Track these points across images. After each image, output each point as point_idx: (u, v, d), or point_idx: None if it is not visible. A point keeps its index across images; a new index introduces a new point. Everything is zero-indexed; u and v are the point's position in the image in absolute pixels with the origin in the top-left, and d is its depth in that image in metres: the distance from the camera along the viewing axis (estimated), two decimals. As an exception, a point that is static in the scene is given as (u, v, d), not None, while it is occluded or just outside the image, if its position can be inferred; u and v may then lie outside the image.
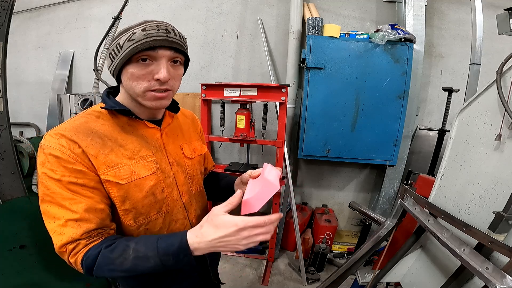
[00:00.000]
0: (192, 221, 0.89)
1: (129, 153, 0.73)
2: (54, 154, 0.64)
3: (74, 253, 0.63)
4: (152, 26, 0.67)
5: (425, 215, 1.14)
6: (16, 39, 3.09)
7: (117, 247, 0.63)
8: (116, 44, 0.68)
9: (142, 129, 0.78)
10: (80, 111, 1.67)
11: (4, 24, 1.21)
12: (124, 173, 0.70)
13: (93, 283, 1.89)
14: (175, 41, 0.69)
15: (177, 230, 0.83)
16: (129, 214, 0.73)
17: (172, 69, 0.71)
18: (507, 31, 1.26)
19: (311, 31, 2.26)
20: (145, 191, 0.74)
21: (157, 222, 0.78)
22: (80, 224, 0.63)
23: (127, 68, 0.68)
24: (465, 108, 1.13)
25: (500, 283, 0.73)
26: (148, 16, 2.75)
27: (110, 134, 0.72)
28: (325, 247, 2.39)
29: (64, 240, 0.62)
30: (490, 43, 2.31)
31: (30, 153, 1.43)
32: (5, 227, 1.41)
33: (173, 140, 0.86)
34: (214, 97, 2.16)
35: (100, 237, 0.66)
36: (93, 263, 0.62)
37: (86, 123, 0.71)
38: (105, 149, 0.69)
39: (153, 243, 0.63)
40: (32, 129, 3.31)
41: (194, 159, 0.92)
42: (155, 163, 0.77)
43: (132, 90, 0.70)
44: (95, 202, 0.66)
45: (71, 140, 0.65)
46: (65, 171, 0.64)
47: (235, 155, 2.95)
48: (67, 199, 0.63)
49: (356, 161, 2.40)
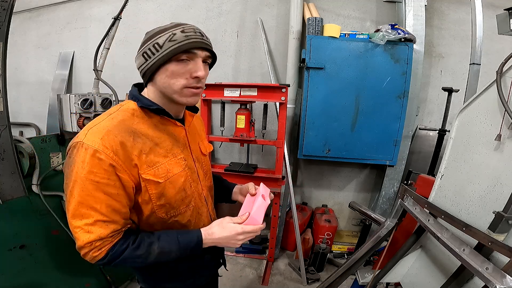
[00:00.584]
0: (211, 213, 0.98)
1: (164, 151, 0.78)
2: (97, 156, 0.65)
3: (99, 248, 0.68)
4: (189, 29, 0.73)
5: (425, 215, 1.14)
6: (16, 39, 3.09)
7: (141, 244, 0.72)
8: (154, 43, 0.71)
9: (171, 127, 0.83)
10: (80, 111, 1.67)
11: (4, 24, 1.21)
12: (162, 172, 0.76)
13: (92, 283, 1.89)
14: (208, 43, 0.76)
15: (202, 222, 0.91)
16: (163, 208, 0.79)
17: (204, 68, 0.76)
18: (507, 31, 1.26)
19: (311, 31, 2.26)
20: (178, 187, 0.80)
21: (186, 215, 0.85)
22: (108, 225, 0.68)
23: (166, 67, 0.72)
24: (465, 108, 1.13)
25: (500, 283, 0.74)
26: (148, 16, 2.75)
27: (146, 132, 0.75)
28: (325, 247, 2.39)
29: (92, 238, 0.67)
30: (490, 43, 2.31)
31: (30, 153, 1.43)
32: (5, 227, 1.41)
33: (193, 138, 0.93)
34: (214, 97, 2.16)
35: (121, 233, 0.72)
36: (119, 257, 0.70)
37: (124, 121, 0.73)
38: (145, 149, 0.73)
39: (175, 241, 0.75)
40: (32, 129, 3.31)
41: (207, 156, 1.00)
42: (184, 160, 0.83)
43: (170, 88, 0.74)
44: (121, 206, 0.71)
45: (115, 140, 0.68)
46: (105, 173, 0.66)
47: (235, 155, 2.95)
48: (100, 202, 0.67)
49: (356, 161, 2.40)
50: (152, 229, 0.81)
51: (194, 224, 0.88)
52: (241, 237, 0.78)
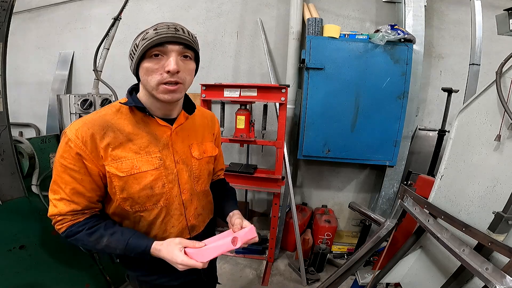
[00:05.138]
0: (189, 218, 0.93)
1: (136, 148, 0.81)
2: (69, 144, 0.74)
3: (60, 223, 0.79)
4: (162, 26, 0.75)
5: (425, 216, 1.14)
6: (16, 39, 3.09)
7: (95, 233, 0.79)
8: (134, 44, 0.77)
9: (153, 126, 0.84)
10: (80, 111, 1.67)
11: (4, 24, 1.21)
12: (125, 167, 0.78)
13: (92, 283, 1.89)
14: (183, 37, 0.75)
15: (171, 224, 0.89)
16: (126, 202, 0.82)
17: (182, 62, 0.76)
18: (506, 32, 1.26)
19: (311, 31, 2.26)
20: (143, 184, 0.81)
21: (152, 213, 0.86)
22: (70, 204, 0.77)
23: (142, 64, 0.76)
24: (465, 108, 1.13)
25: (500, 283, 0.74)
26: (148, 16, 2.76)
27: (123, 128, 0.80)
28: (325, 248, 2.39)
29: (55, 211, 0.78)
30: (489, 44, 2.31)
31: (30, 154, 1.43)
32: (5, 227, 1.41)
33: (183, 140, 0.91)
34: (214, 97, 2.16)
35: (84, 215, 0.80)
36: (73, 236, 0.79)
37: (105, 116, 0.79)
38: (114, 143, 0.78)
39: (124, 241, 0.78)
40: (31, 129, 3.30)
41: (202, 160, 0.96)
42: (160, 159, 0.83)
43: (148, 84, 0.77)
44: (85, 190, 0.78)
45: (87, 132, 0.75)
46: (72, 159, 0.75)
47: (235, 155, 2.95)
48: (66, 182, 0.76)
49: (356, 161, 2.40)
50: (120, 219, 0.87)
51: (161, 224, 0.87)
52: (180, 266, 0.75)
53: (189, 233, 0.94)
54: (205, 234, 0.99)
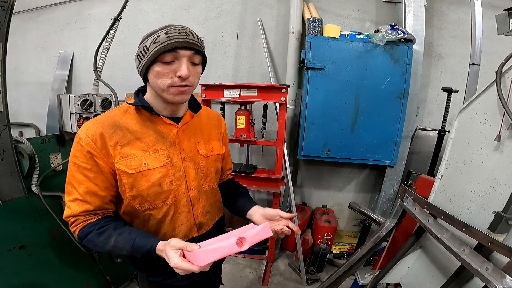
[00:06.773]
0: (197, 216, 0.94)
1: (144, 146, 0.82)
2: (80, 143, 0.77)
3: (74, 225, 0.80)
4: (173, 30, 0.75)
5: (425, 216, 1.14)
6: (16, 39, 3.09)
7: (104, 233, 0.78)
8: (143, 46, 0.77)
9: (160, 124, 0.86)
10: (80, 111, 1.67)
11: (4, 24, 1.21)
12: (134, 164, 0.80)
13: (92, 283, 1.89)
14: (193, 42, 0.77)
15: (180, 222, 0.90)
16: (136, 199, 0.83)
17: (191, 67, 0.78)
18: (506, 32, 1.26)
19: (311, 31, 2.26)
20: (152, 181, 0.82)
21: (161, 211, 0.86)
22: (83, 204, 0.78)
23: (153, 67, 0.76)
24: (465, 108, 1.13)
25: (500, 283, 0.74)
26: (148, 16, 2.76)
27: (131, 127, 0.82)
28: (325, 248, 2.39)
29: (69, 213, 0.79)
30: (489, 44, 2.31)
31: (30, 154, 1.43)
32: (5, 227, 1.41)
33: (189, 138, 0.92)
34: (214, 97, 2.16)
35: (97, 216, 0.80)
36: (85, 237, 0.79)
37: (114, 116, 0.82)
38: (123, 141, 0.80)
39: (131, 241, 0.77)
40: (31, 129, 3.30)
41: (209, 158, 0.97)
42: (167, 156, 0.85)
43: (158, 86, 0.78)
44: (99, 189, 0.79)
45: (97, 131, 0.77)
46: (84, 158, 0.77)
47: (235, 155, 2.94)
48: (79, 181, 0.78)
49: (356, 161, 2.39)
50: (130, 218, 0.87)
51: (170, 221, 0.88)
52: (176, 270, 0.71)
53: (198, 231, 0.94)
54: (213, 232, 0.99)
